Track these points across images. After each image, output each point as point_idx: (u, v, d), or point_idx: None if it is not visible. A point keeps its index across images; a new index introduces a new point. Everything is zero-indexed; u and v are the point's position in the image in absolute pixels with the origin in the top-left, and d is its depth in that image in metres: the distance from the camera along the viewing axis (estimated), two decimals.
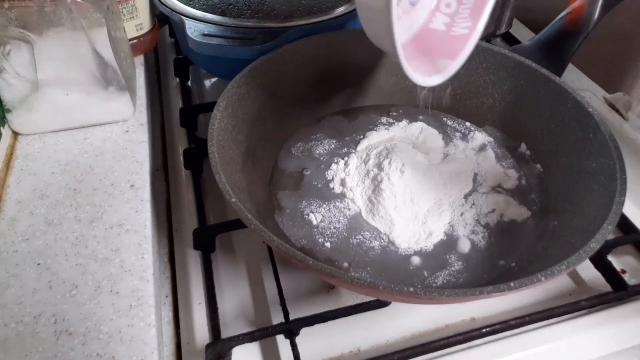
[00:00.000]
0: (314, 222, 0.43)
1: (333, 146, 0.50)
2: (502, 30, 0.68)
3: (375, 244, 0.41)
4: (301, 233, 0.42)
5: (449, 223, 0.43)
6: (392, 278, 0.39)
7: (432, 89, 0.52)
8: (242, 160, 0.43)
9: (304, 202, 0.44)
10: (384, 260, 0.40)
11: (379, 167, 0.45)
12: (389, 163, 0.44)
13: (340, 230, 0.42)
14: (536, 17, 0.72)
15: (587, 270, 0.43)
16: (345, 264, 0.40)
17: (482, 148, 0.50)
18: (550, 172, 0.45)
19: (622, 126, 0.57)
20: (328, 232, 0.42)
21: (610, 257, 0.43)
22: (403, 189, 0.43)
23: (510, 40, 0.71)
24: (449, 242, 0.42)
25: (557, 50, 0.53)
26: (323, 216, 0.43)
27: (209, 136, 0.38)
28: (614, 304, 0.41)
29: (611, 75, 0.67)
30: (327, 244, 0.41)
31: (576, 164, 0.42)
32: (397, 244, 0.41)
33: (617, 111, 0.59)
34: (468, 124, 0.52)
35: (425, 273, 0.40)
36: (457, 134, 0.52)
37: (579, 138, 0.42)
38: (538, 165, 0.46)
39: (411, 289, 0.30)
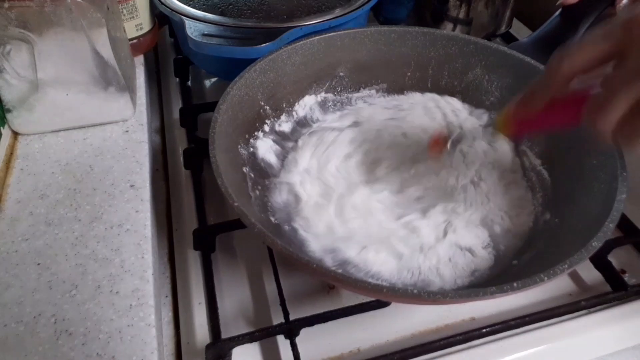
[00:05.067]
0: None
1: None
2: (502, 30, 0.68)
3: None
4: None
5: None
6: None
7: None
8: (242, 162, 0.43)
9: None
10: None
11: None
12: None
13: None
14: (536, 17, 0.72)
15: (587, 270, 0.43)
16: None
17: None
18: (551, 170, 0.45)
19: None
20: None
21: (610, 257, 0.43)
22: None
23: (510, 40, 0.70)
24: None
25: (554, 47, 0.53)
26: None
27: (209, 140, 0.38)
28: (614, 304, 0.41)
29: None
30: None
31: (577, 162, 0.41)
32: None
33: None
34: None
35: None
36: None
37: (580, 135, 0.42)
38: (538, 163, 0.46)
39: (415, 290, 0.30)
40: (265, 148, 0.47)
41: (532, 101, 0.33)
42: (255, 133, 0.47)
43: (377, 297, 0.36)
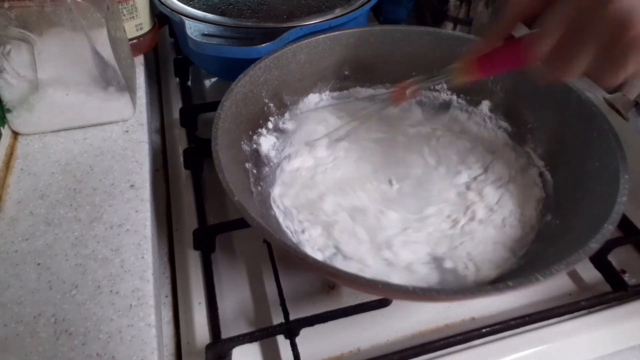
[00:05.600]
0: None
1: None
2: None
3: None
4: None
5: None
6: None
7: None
8: (245, 158, 0.43)
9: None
10: None
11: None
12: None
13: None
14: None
15: (587, 270, 0.43)
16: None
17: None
18: (553, 171, 0.45)
19: (622, 126, 0.57)
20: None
21: (610, 257, 0.43)
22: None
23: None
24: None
25: None
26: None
27: (212, 135, 0.38)
28: (614, 304, 0.41)
29: None
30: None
31: (579, 163, 0.41)
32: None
33: (617, 111, 0.59)
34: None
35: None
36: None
37: (583, 137, 0.42)
38: (542, 164, 0.46)
39: (410, 287, 0.30)
40: (269, 145, 0.47)
41: (486, 44, 0.37)
42: (259, 130, 0.47)
43: (372, 292, 0.36)
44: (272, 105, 0.48)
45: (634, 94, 0.60)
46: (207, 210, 0.46)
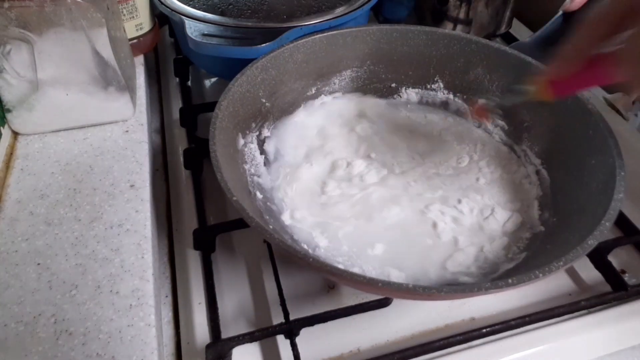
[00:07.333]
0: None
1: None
2: (502, 30, 0.68)
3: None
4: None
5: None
6: None
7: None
8: (243, 158, 0.43)
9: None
10: None
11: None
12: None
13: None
14: (536, 17, 0.72)
15: (587, 270, 0.43)
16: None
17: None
18: (550, 169, 0.45)
19: (622, 126, 0.57)
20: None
21: (610, 257, 0.43)
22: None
23: (510, 40, 0.70)
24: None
25: (556, 47, 0.53)
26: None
27: (210, 135, 0.38)
28: (614, 304, 0.41)
29: None
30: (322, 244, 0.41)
31: (576, 161, 0.42)
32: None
33: (617, 111, 0.59)
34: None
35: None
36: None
37: (579, 135, 0.42)
38: (538, 162, 0.46)
39: (410, 285, 0.30)
40: (266, 144, 0.47)
41: (568, 64, 0.35)
42: (257, 129, 0.47)
43: (371, 291, 0.36)
44: (269, 104, 0.48)
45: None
46: (207, 210, 0.46)
